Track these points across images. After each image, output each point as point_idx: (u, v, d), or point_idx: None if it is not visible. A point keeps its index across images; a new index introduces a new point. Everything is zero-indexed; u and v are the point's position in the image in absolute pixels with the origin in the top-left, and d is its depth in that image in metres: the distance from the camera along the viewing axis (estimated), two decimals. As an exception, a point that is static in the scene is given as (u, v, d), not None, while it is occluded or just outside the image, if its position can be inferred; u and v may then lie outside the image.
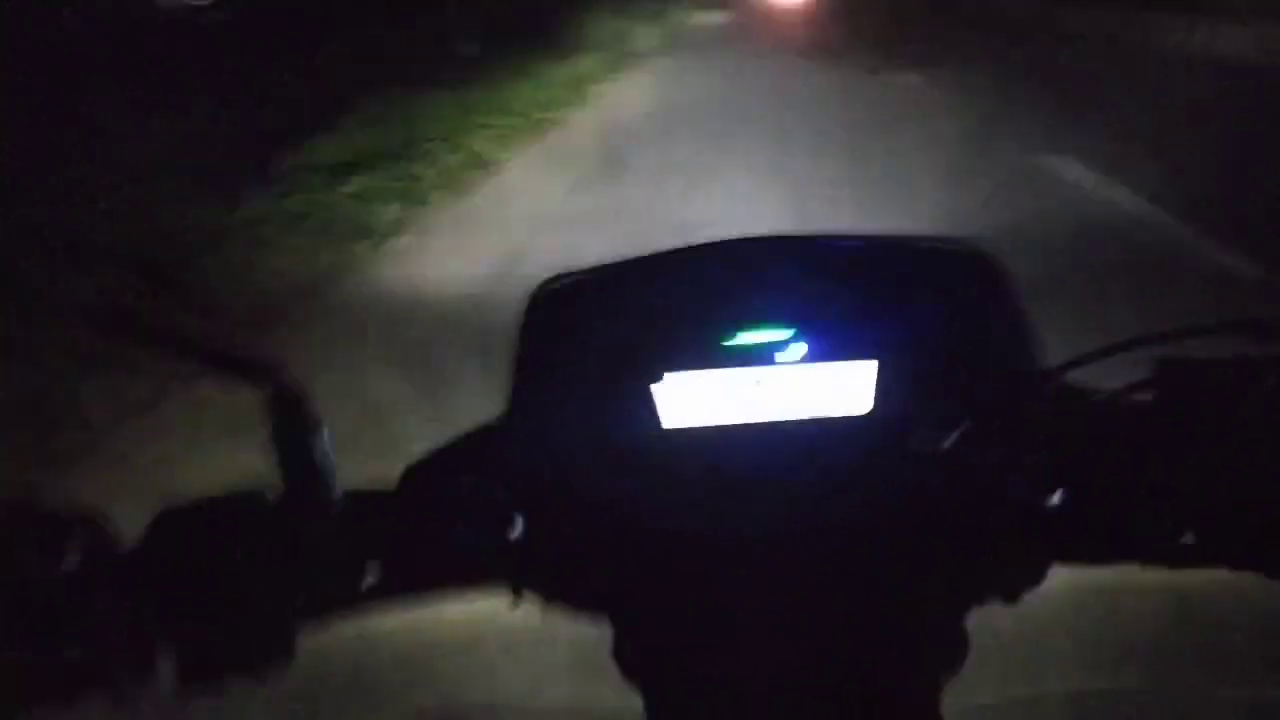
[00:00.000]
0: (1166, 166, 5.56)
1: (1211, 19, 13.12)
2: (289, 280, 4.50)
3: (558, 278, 0.61)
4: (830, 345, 0.57)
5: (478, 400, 0.60)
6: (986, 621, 0.57)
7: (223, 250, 4.81)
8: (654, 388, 0.57)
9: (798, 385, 0.57)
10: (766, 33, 19.89)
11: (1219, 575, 0.51)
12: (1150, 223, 4.88)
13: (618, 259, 0.62)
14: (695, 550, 0.56)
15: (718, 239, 0.62)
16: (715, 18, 23.87)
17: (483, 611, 0.58)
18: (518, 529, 0.55)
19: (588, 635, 0.58)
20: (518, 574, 0.56)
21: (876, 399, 0.57)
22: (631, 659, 0.57)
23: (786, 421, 0.57)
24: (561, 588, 0.58)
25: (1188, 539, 0.51)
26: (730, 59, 14.18)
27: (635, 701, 0.57)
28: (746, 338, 0.57)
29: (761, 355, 0.57)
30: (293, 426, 0.52)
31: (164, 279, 4.07)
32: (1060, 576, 0.55)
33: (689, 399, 0.57)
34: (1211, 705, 1.02)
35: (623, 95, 10.77)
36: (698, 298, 0.59)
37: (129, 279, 4.02)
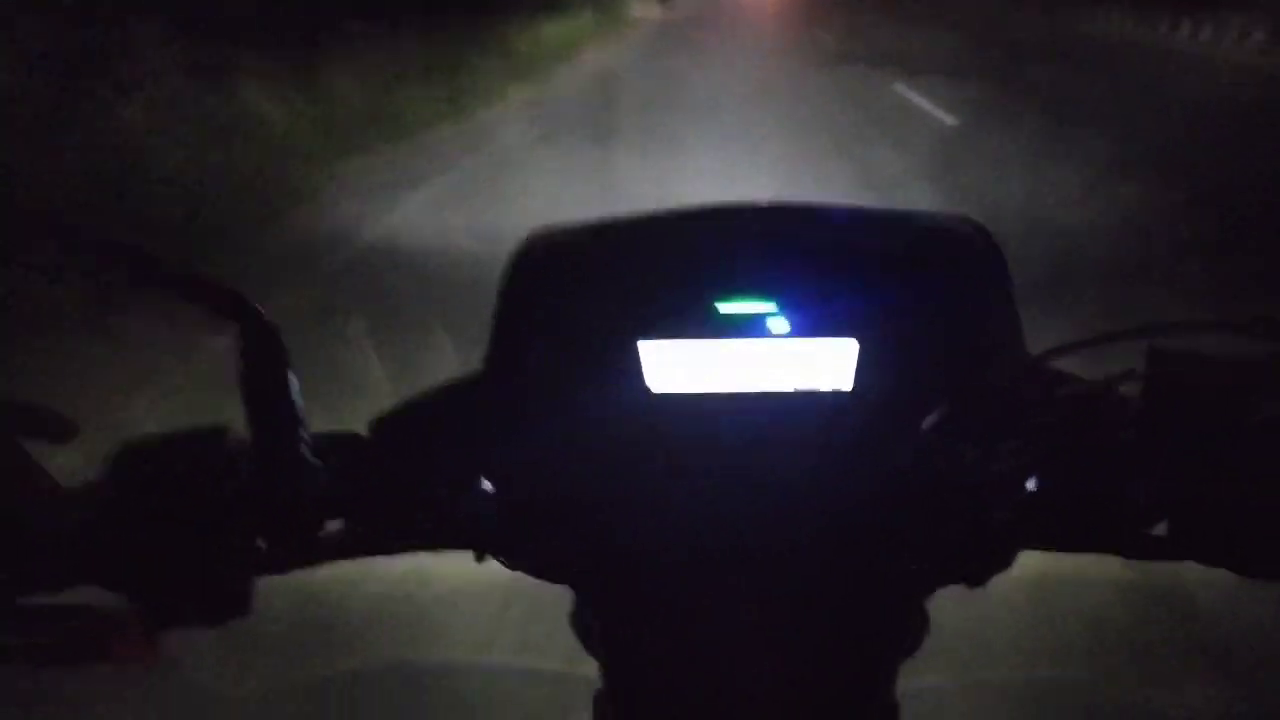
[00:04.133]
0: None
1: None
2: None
3: (542, 233, 0.60)
4: (812, 320, 0.56)
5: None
6: (948, 603, 0.58)
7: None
8: (632, 353, 0.56)
9: (778, 359, 0.57)
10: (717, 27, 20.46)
11: (1186, 569, 0.51)
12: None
13: (604, 217, 0.61)
14: (660, 520, 0.55)
15: (705, 205, 0.61)
16: (653, 11, 23.28)
17: (446, 568, 0.58)
18: (485, 488, 0.54)
19: (551, 598, 0.58)
20: (484, 534, 0.55)
21: (856, 377, 0.56)
22: (590, 626, 0.57)
23: (764, 394, 0.57)
24: (525, 551, 0.57)
25: (1159, 531, 0.51)
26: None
27: (591, 668, 0.57)
28: (729, 308, 0.56)
29: (744, 327, 0.56)
30: (262, 364, 0.50)
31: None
32: (1027, 563, 0.56)
33: (668, 367, 0.56)
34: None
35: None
36: (682, 265, 0.58)
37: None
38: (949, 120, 8.91)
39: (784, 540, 0.55)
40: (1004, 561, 0.55)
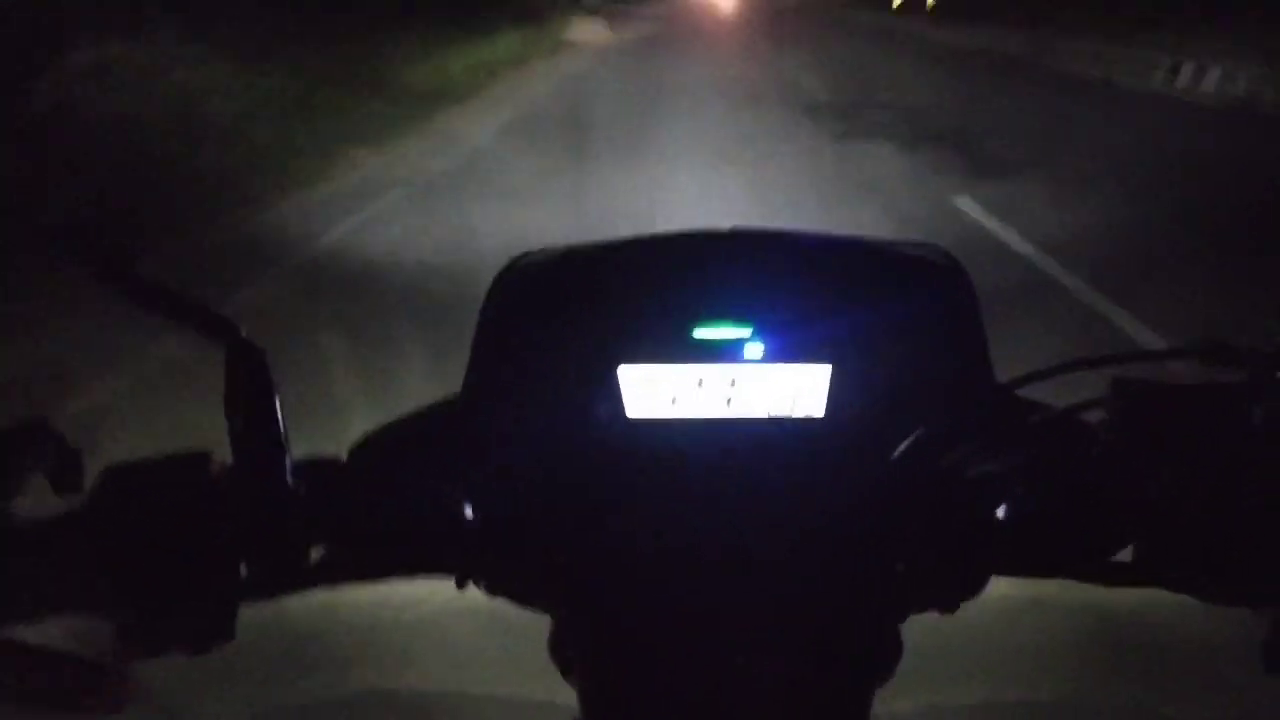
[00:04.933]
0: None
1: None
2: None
3: (523, 258, 0.61)
4: (786, 346, 0.58)
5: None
6: (921, 629, 0.58)
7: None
8: (611, 378, 0.57)
9: (754, 384, 0.58)
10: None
11: (1151, 596, 0.52)
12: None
13: (584, 243, 0.62)
14: (640, 546, 0.56)
15: (683, 231, 0.62)
16: (596, 32, 18.66)
17: (428, 594, 0.58)
18: (466, 514, 0.54)
19: (530, 626, 0.58)
20: (464, 559, 0.55)
21: (829, 402, 0.57)
22: (568, 653, 0.57)
23: (741, 420, 0.58)
24: (506, 576, 0.57)
25: (1125, 558, 0.52)
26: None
27: (570, 696, 0.57)
28: (706, 333, 0.57)
29: (720, 352, 0.57)
30: (248, 389, 0.50)
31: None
32: (996, 589, 0.56)
33: (645, 391, 0.57)
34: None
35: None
36: (659, 290, 0.59)
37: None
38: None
39: (759, 566, 0.55)
40: (975, 587, 0.56)
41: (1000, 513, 0.53)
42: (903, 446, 0.54)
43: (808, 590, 0.55)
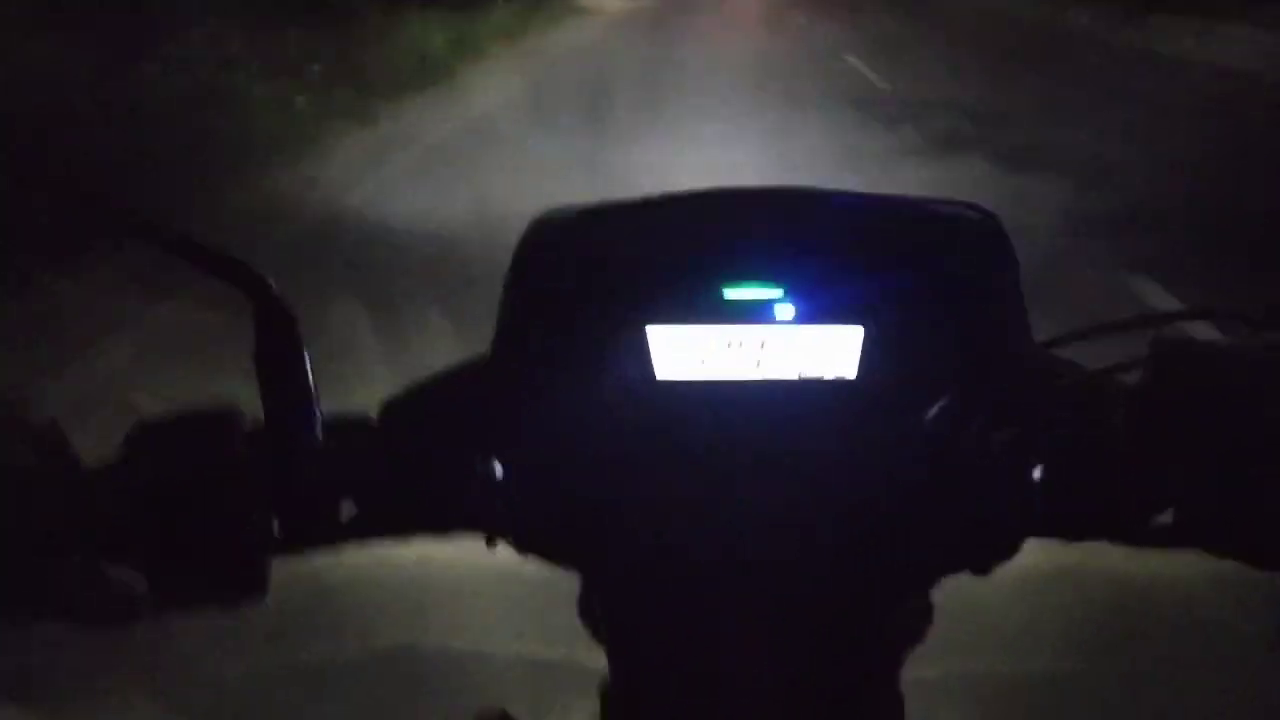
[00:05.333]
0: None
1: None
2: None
3: (549, 216, 0.60)
4: (817, 307, 0.57)
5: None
6: (952, 593, 0.58)
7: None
8: (639, 339, 0.56)
9: (786, 345, 0.57)
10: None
11: (1187, 564, 0.51)
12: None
13: (613, 200, 0.61)
14: (670, 506, 0.56)
15: (713, 189, 0.61)
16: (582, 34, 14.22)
17: (458, 553, 0.58)
18: (495, 472, 0.54)
19: (561, 586, 0.58)
20: (493, 519, 0.55)
21: (861, 364, 0.57)
22: (597, 615, 0.57)
23: (772, 381, 0.57)
24: (535, 536, 0.57)
25: (1164, 520, 0.51)
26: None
27: (599, 656, 0.57)
28: (736, 294, 0.57)
29: (750, 312, 0.57)
30: (277, 346, 0.50)
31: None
32: (1029, 554, 0.56)
33: (675, 351, 0.57)
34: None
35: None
36: (690, 250, 0.59)
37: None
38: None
39: (790, 527, 0.55)
40: (1009, 550, 0.55)
41: (1036, 474, 0.52)
42: (936, 408, 0.53)
43: (839, 551, 0.55)
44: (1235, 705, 1.07)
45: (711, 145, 6.64)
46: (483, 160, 6.31)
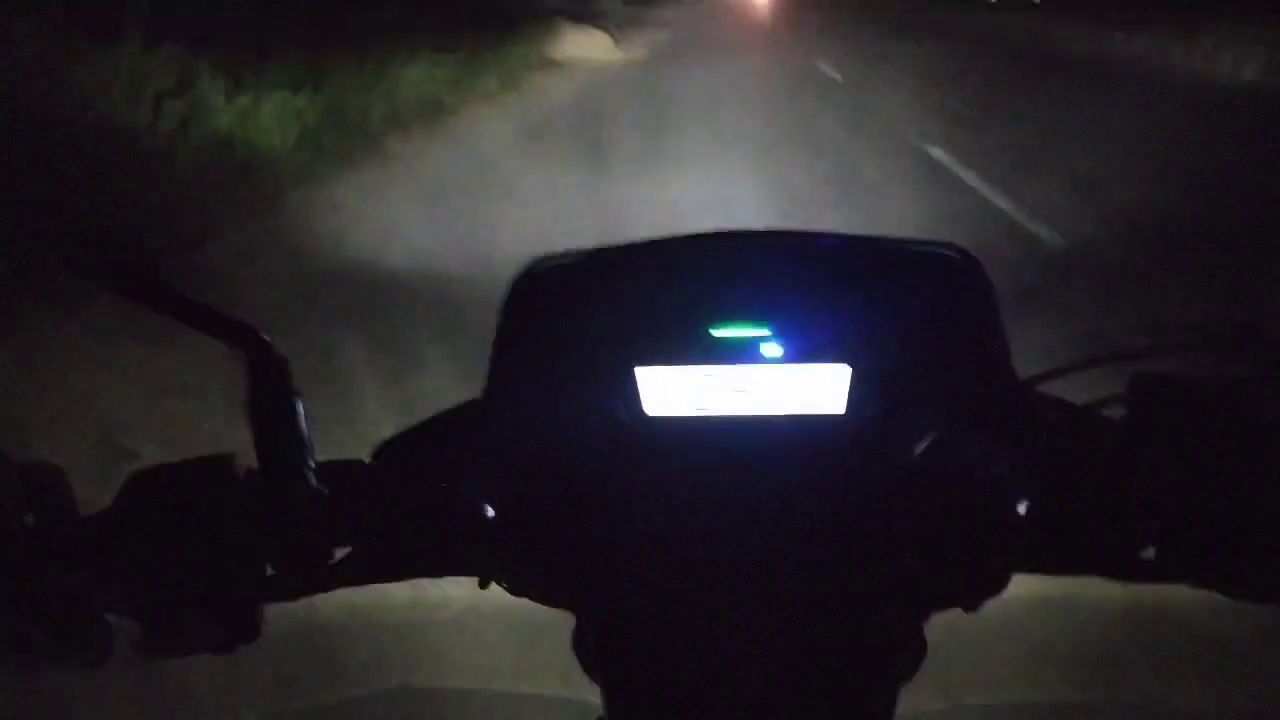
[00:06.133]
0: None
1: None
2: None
3: (540, 261, 0.61)
4: (804, 346, 0.58)
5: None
6: (944, 627, 0.58)
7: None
8: (629, 379, 0.57)
9: (774, 384, 0.58)
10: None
11: (1175, 592, 0.52)
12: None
13: (603, 245, 0.62)
14: (661, 545, 0.56)
15: (700, 232, 0.62)
16: (596, 47, 11.73)
17: (452, 595, 0.58)
18: (487, 514, 0.55)
19: (553, 624, 0.59)
20: (487, 559, 0.56)
21: (849, 402, 0.57)
22: (591, 652, 0.58)
23: (759, 419, 0.58)
24: (528, 577, 0.58)
25: (1148, 554, 0.52)
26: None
27: (594, 693, 0.57)
28: (723, 333, 0.58)
29: (738, 352, 0.58)
30: (270, 394, 0.51)
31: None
32: (1019, 586, 0.56)
33: (664, 392, 0.57)
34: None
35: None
36: (677, 291, 0.60)
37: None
38: None
39: (781, 564, 0.56)
40: (998, 585, 0.56)
41: (1021, 509, 0.53)
42: (924, 444, 0.54)
43: (829, 589, 0.55)
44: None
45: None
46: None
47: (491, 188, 6.36)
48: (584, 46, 13.24)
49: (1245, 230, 5.01)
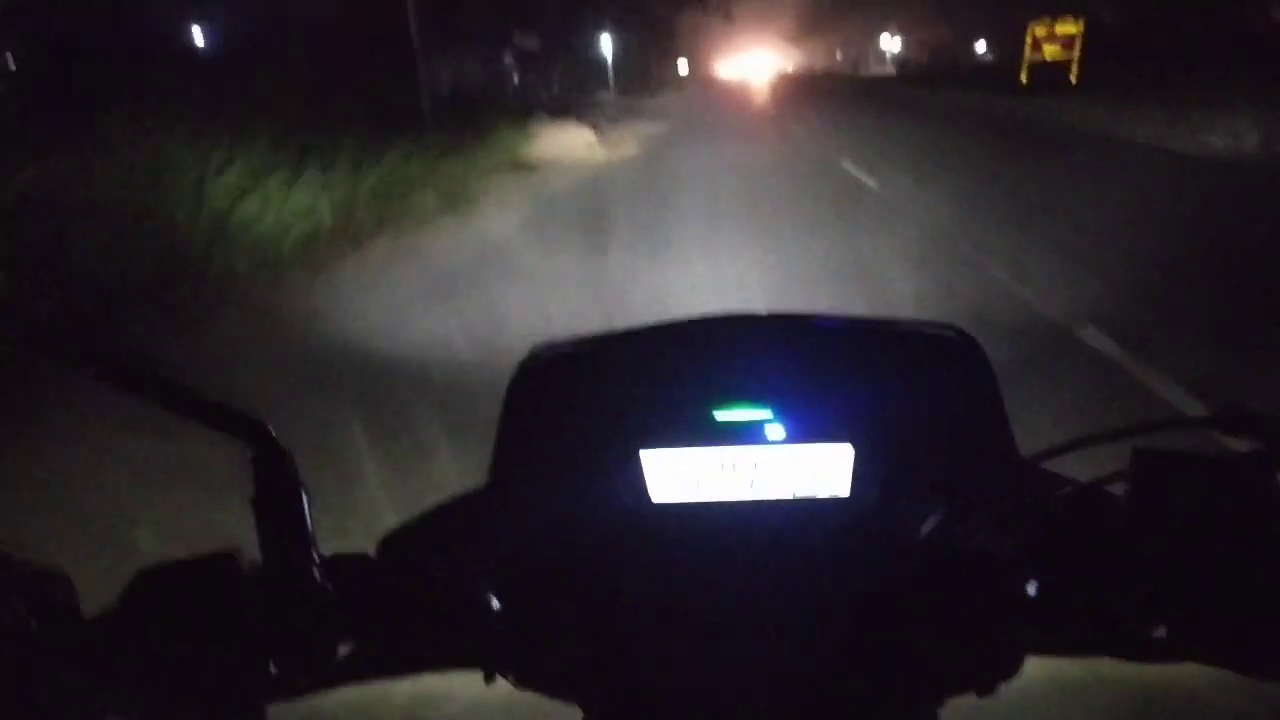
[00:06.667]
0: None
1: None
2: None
3: (542, 351, 0.62)
4: (807, 427, 0.58)
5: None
6: (960, 714, 0.57)
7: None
8: (633, 463, 0.57)
9: (776, 465, 0.58)
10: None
11: (1188, 670, 0.51)
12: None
13: (603, 332, 0.63)
14: (669, 634, 0.56)
15: (701, 315, 0.63)
16: (580, 146, 10.39)
17: (457, 689, 0.57)
18: (492, 605, 0.54)
19: (561, 716, 0.57)
20: (492, 653, 0.55)
21: (853, 483, 0.57)
22: None
23: (765, 502, 0.58)
24: (534, 667, 0.57)
25: (1159, 633, 0.51)
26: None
27: None
28: (726, 416, 0.58)
29: (741, 434, 0.58)
30: (275, 488, 0.51)
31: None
32: (1033, 669, 0.55)
33: (668, 475, 0.57)
34: None
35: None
36: (679, 375, 0.60)
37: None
38: None
39: (790, 651, 0.55)
40: (1010, 668, 0.55)
41: (1030, 590, 0.52)
42: (929, 525, 0.54)
43: (840, 673, 0.55)
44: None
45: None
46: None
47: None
48: (565, 144, 11.22)
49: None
